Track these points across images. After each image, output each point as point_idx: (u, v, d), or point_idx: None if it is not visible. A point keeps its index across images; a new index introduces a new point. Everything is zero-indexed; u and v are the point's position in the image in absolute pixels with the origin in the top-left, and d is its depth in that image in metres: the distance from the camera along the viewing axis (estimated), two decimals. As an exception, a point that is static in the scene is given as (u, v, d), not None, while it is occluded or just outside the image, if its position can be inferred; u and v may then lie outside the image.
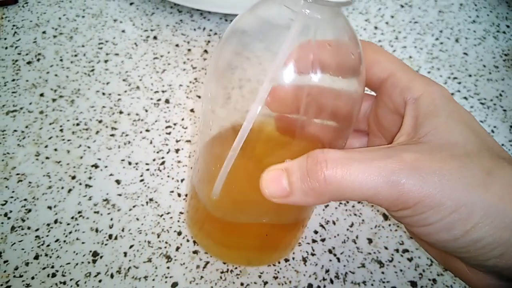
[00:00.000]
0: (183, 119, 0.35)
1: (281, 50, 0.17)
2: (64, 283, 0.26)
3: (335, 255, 0.29)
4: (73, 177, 0.31)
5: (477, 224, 0.16)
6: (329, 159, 0.17)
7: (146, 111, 0.36)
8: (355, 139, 0.25)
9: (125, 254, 0.28)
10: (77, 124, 0.34)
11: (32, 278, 0.26)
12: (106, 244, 0.28)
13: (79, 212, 0.29)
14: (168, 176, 0.32)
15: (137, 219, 0.29)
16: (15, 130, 0.33)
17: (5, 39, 0.40)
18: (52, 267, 0.27)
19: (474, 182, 0.16)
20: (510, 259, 0.16)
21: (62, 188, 0.30)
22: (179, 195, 0.31)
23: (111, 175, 0.31)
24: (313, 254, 0.29)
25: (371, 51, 0.21)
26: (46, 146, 0.33)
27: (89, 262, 0.27)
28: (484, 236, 0.16)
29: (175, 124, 0.35)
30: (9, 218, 0.29)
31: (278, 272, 0.28)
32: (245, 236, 0.26)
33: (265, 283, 0.27)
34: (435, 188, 0.16)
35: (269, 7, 0.19)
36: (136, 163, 0.32)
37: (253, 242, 0.26)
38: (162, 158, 0.33)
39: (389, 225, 0.31)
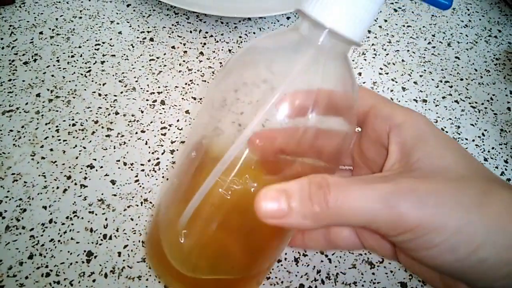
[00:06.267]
0: (178, 121, 0.36)
1: (288, 78, 0.17)
2: (58, 282, 0.26)
3: (326, 256, 0.29)
4: (69, 177, 0.31)
5: (480, 245, 0.16)
6: (331, 184, 0.17)
7: (142, 112, 0.36)
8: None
9: (119, 254, 0.28)
10: (73, 125, 0.34)
11: (26, 277, 0.26)
12: (100, 244, 0.28)
13: (74, 212, 0.29)
14: (163, 177, 0.32)
15: (132, 219, 0.29)
16: (11, 130, 0.34)
17: (2, 39, 0.40)
18: (46, 266, 0.27)
19: (472, 203, 0.16)
20: None
21: (58, 188, 0.31)
22: (173, 195, 0.31)
23: (106, 175, 0.32)
24: (305, 255, 0.29)
25: None
26: (42, 146, 0.33)
27: (83, 262, 0.27)
28: (489, 257, 0.16)
29: (170, 125, 0.35)
30: (3, 217, 0.29)
31: (271, 272, 0.28)
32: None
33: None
34: (434, 210, 0.16)
35: (288, 35, 0.19)
36: (131, 164, 0.32)
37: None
38: (157, 159, 0.33)
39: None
